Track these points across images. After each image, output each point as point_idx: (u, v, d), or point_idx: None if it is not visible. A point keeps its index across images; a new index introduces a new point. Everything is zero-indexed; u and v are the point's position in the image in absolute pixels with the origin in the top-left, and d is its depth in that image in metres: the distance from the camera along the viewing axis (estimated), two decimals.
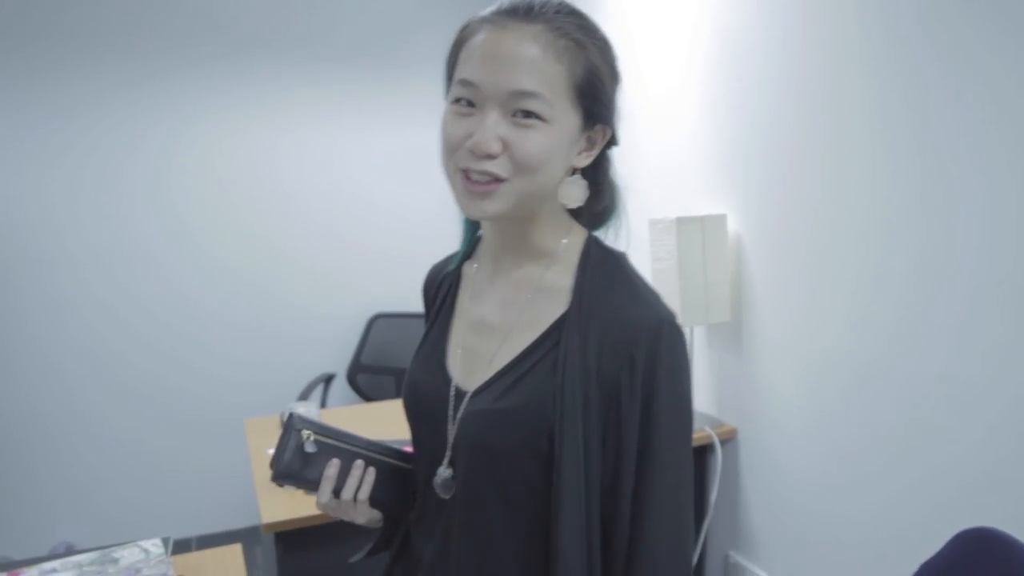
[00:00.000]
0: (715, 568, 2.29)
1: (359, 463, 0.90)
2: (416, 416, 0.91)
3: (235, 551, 1.45)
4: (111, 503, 3.18)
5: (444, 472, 0.83)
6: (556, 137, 0.76)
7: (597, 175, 0.87)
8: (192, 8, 3.13)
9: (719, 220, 2.05)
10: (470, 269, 0.95)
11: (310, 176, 3.40)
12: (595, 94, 0.78)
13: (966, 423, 1.46)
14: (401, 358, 3.41)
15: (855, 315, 1.71)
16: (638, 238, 2.51)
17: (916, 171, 1.53)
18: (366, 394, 3.37)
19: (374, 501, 0.91)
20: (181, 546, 3.23)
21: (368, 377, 3.41)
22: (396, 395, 3.33)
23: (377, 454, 0.93)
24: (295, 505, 1.72)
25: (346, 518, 0.92)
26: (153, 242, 3.17)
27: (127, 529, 3.05)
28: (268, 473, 0.90)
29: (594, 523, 0.76)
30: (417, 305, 1.05)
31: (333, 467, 0.88)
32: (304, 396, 3.05)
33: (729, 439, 2.17)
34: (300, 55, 3.33)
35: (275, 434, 2.47)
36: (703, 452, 2.24)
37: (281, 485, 0.93)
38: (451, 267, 0.96)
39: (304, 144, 3.38)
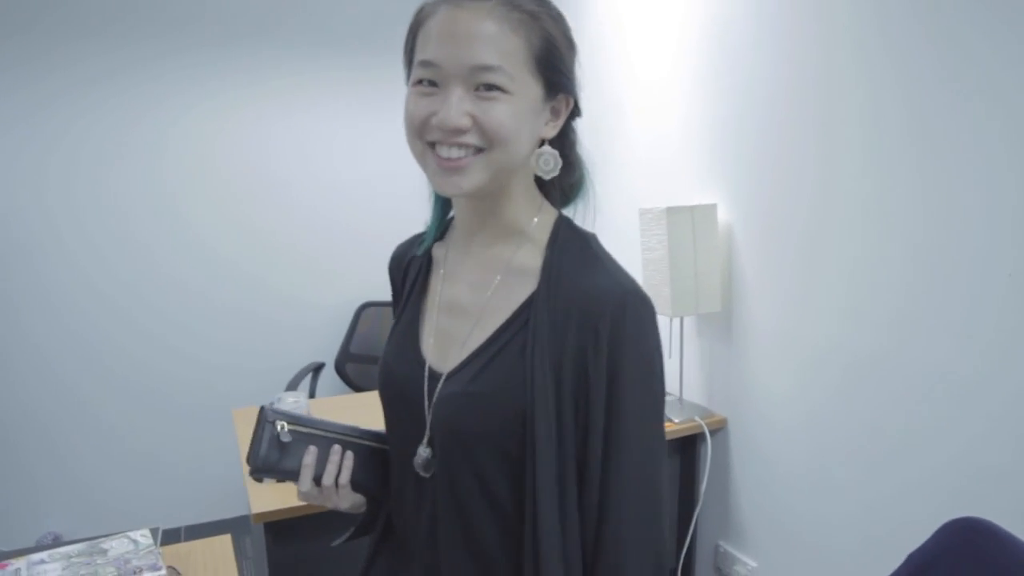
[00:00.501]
0: (705, 557, 2.31)
1: (336, 448, 0.90)
2: (391, 398, 0.92)
3: (224, 541, 1.45)
4: (99, 493, 3.17)
5: (424, 452, 0.84)
6: (521, 107, 0.76)
7: (564, 147, 0.86)
8: None
9: (709, 210, 2.05)
10: (440, 252, 0.95)
11: (301, 164, 3.38)
12: (554, 63, 0.79)
13: (959, 417, 1.46)
14: None
15: (847, 306, 1.71)
16: (628, 228, 2.52)
17: (910, 159, 1.52)
18: (355, 384, 3.36)
19: (356, 485, 0.91)
20: (170, 536, 3.21)
21: (357, 367, 3.40)
22: None
23: (354, 437, 0.93)
24: (285, 495, 1.71)
25: (329, 505, 0.92)
26: (144, 230, 3.14)
27: (115, 519, 3.04)
28: None
29: (568, 500, 0.77)
30: None
31: (311, 454, 0.87)
32: (293, 386, 3.03)
33: (719, 429, 2.17)
34: (294, 42, 3.30)
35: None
36: (693, 442, 2.25)
37: (259, 480, 0.92)
38: (420, 250, 0.96)
39: (296, 131, 3.36)
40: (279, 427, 0.87)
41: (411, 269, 0.97)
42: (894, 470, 1.60)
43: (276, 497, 1.71)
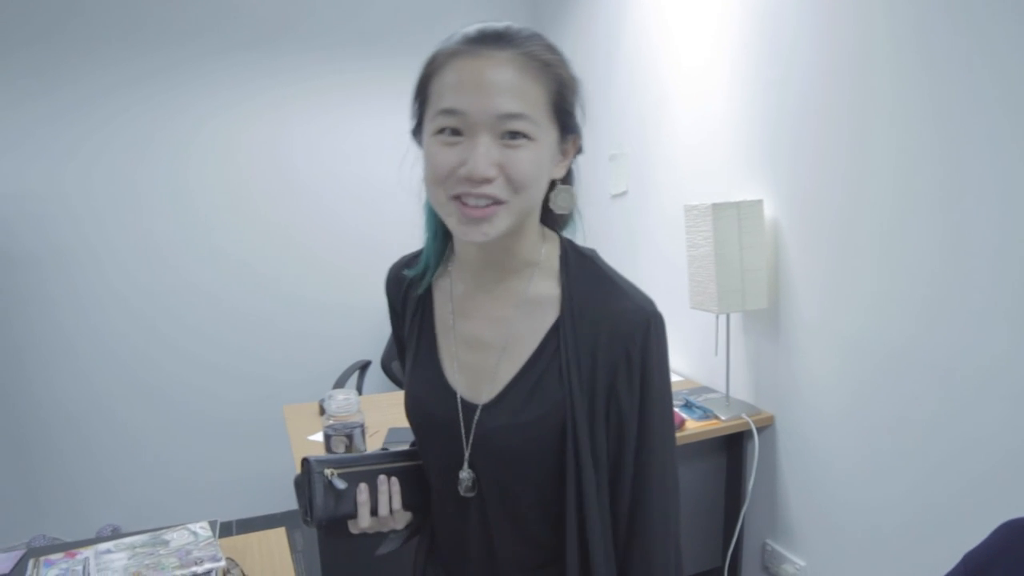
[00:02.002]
0: (753, 556, 2.29)
1: (382, 478, 0.92)
2: (425, 428, 0.94)
3: (279, 534, 1.49)
4: (150, 491, 3.28)
5: (466, 475, 0.88)
6: (543, 154, 0.79)
7: (568, 182, 0.91)
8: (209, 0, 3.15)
9: (755, 205, 2.03)
10: (445, 282, 0.97)
11: (334, 167, 3.41)
12: (567, 107, 0.82)
13: (997, 398, 1.44)
14: None
15: (888, 296, 1.69)
16: (674, 224, 2.51)
17: (940, 156, 1.52)
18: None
19: (405, 504, 0.94)
20: (223, 530, 3.32)
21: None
22: None
23: (391, 463, 0.96)
24: None
25: (385, 529, 0.95)
26: (177, 240, 3.22)
27: (171, 512, 3.14)
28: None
29: (603, 506, 0.85)
30: None
31: (363, 492, 0.90)
32: (341, 383, 3.09)
33: (766, 427, 2.15)
34: (320, 44, 3.33)
35: (314, 420, 2.51)
36: (740, 440, 2.23)
37: (312, 527, 0.94)
38: (422, 287, 0.97)
39: (327, 135, 3.38)
40: (328, 474, 0.89)
41: (412, 292, 0.99)
42: (946, 464, 1.57)
43: None
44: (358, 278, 3.47)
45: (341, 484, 0.89)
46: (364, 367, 3.33)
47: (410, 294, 0.99)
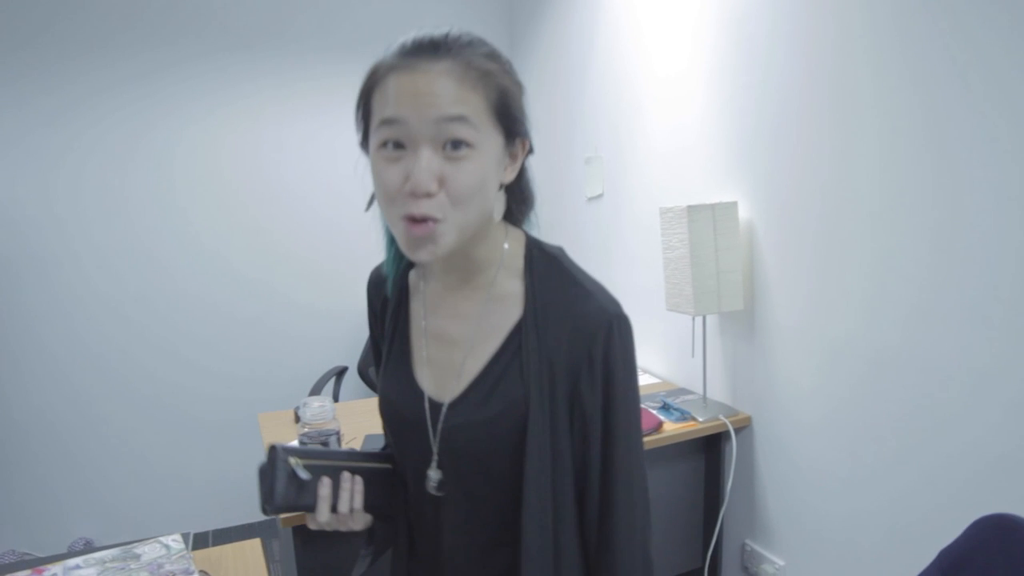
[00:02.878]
0: (732, 556, 2.29)
1: (346, 475, 0.92)
2: (396, 429, 0.95)
3: (255, 545, 1.46)
4: (127, 500, 3.21)
5: (434, 475, 0.89)
6: (486, 162, 0.78)
7: (521, 184, 0.90)
8: (193, 3, 3.13)
9: (730, 207, 2.04)
10: (416, 278, 0.98)
11: (316, 171, 3.40)
12: (510, 112, 0.81)
13: (979, 408, 1.45)
14: None
15: (868, 302, 1.70)
16: (649, 226, 2.52)
17: (925, 155, 1.51)
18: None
19: (367, 506, 0.94)
20: (199, 541, 3.26)
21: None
22: None
23: (358, 462, 0.96)
24: None
25: (343, 528, 0.94)
26: (159, 241, 3.18)
27: (143, 525, 3.09)
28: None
29: (562, 499, 0.84)
30: None
31: (326, 486, 0.90)
32: (317, 390, 3.06)
33: (744, 427, 2.16)
34: (304, 48, 3.32)
35: (289, 427, 2.48)
36: (718, 441, 2.24)
37: (269, 516, 0.93)
38: (388, 289, 0.99)
39: (309, 138, 3.38)
40: (294, 463, 0.89)
41: (387, 295, 1.00)
42: (919, 464, 1.59)
43: None
44: (338, 282, 3.45)
45: (304, 474, 0.88)
46: (341, 373, 3.31)
47: (384, 295, 1.00)
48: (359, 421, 2.28)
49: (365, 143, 0.84)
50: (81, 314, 3.09)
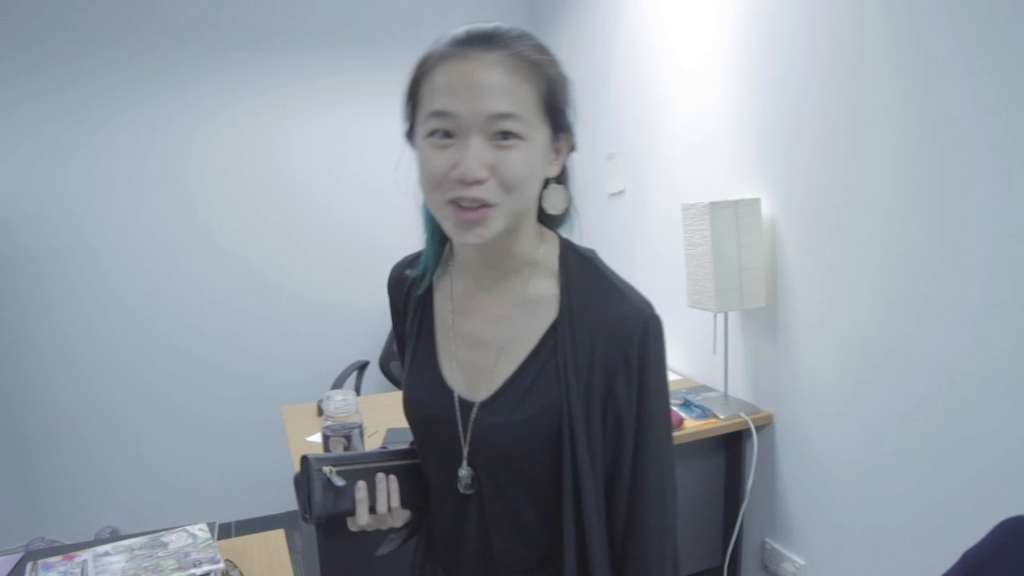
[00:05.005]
0: (752, 554, 2.29)
1: (380, 476, 0.93)
2: (423, 427, 0.95)
3: (278, 536, 1.48)
4: (148, 493, 3.27)
5: (465, 473, 0.89)
6: (534, 153, 0.79)
7: (562, 181, 0.91)
8: (207, 0, 3.15)
9: (753, 204, 2.03)
10: (445, 281, 0.97)
11: (332, 168, 3.41)
12: (557, 106, 0.82)
13: (997, 397, 1.44)
14: None
15: (887, 294, 1.69)
16: (671, 222, 2.51)
17: (938, 156, 1.52)
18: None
19: (404, 502, 0.95)
20: (222, 531, 3.30)
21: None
22: None
23: (390, 461, 0.96)
24: None
25: (384, 527, 0.96)
26: (176, 240, 3.22)
27: (165, 517, 3.14)
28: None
29: (596, 500, 0.85)
30: None
31: (362, 489, 0.91)
32: (339, 384, 3.09)
33: (765, 425, 2.15)
34: (317, 44, 3.33)
35: (312, 420, 2.50)
36: (739, 439, 2.23)
37: (311, 524, 0.94)
38: (422, 288, 0.98)
39: (324, 135, 3.38)
40: (327, 471, 0.90)
41: (413, 292, 1.00)
42: (946, 463, 1.57)
43: None
44: (356, 278, 3.47)
45: (340, 481, 0.89)
46: (362, 367, 3.33)
47: (411, 294, 0.99)
48: (381, 414, 2.30)
49: (411, 134, 0.84)
50: (99, 310, 3.13)
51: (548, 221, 0.93)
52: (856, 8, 1.71)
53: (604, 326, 0.84)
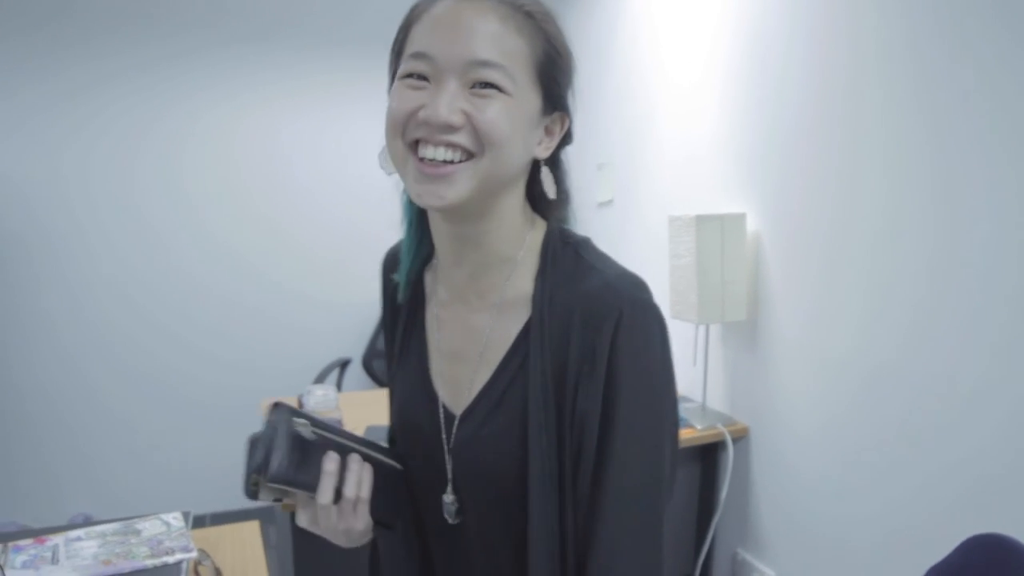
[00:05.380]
0: (723, 565, 2.31)
1: (356, 457, 0.78)
2: (410, 443, 0.86)
3: (253, 528, 1.48)
4: (125, 480, 3.25)
5: (449, 499, 0.80)
6: (518, 112, 0.69)
7: (557, 172, 0.80)
8: None
9: (739, 219, 2.06)
10: (430, 278, 0.88)
11: (326, 163, 3.43)
12: (555, 74, 0.73)
13: (976, 424, 1.46)
14: None
15: (869, 315, 1.71)
16: (657, 234, 2.53)
17: (927, 178, 1.53)
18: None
19: (373, 507, 0.79)
20: (196, 522, 3.27)
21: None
22: None
23: (370, 451, 0.82)
24: None
25: (342, 526, 0.78)
26: (167, 226, 3.21)
27: (140, 505, 3.11)
28: None
29: (567, 529, 0.72)
30: None
31: (332, 460, 0.75)
32: (320, 380, 3.08)
33: (741, 437, 2.17)
34: (317, 40, 3.35)
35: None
36: (715, 450, 2.25)
37: (255, 496, 0.74)
38: (400, 294, 0.88)
39: (319, 131, 3.40)
40: (299, 423, 0.74)
41: (399, 292, 0.90)
42: (914, 478, 1.60)
43: None
44: (344, 274, 3.48)
45: (310, 434, 0.74)
46: (344, 364, 3.33)
47: (396, 291, 0.91)
48: (362, 411, 2.30)
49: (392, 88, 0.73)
50: (88, 294, 3.12)
51: (543, 211, 0.82)
52: (850, 32, 1.73)
53: (577, 314, 0.71)
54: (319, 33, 3.35)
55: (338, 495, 0.76)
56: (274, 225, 3.38)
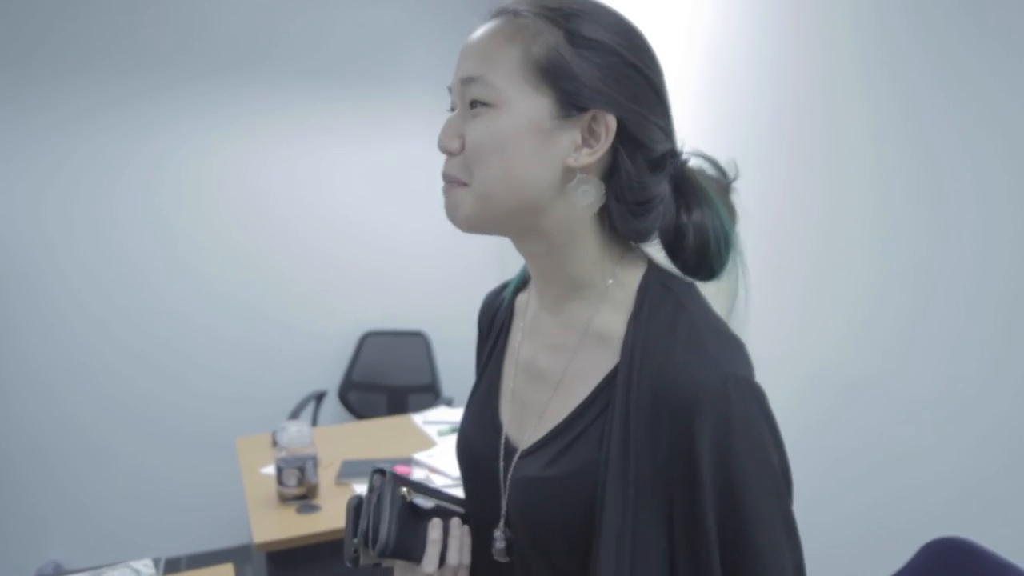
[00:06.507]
0: None
1: (456, 522, 0.76)
2: (468, 470, 0.83)
3: (226, 571, 1.47)
4: (100, 521, 3.17)
5: (500, 536, 0.75)
6: (508, 122, 0.65)
7: (622, 188, 0.69)
8: (183, 25, 3.17)
9: None
10: (523, 299, 0.85)
11: (302, 193, 3.42)
12: (568, 69, 0.65)
13: (949, 441, 1.46)
14: (391, 376, 3.43)
15: (848, 331, 1.70)
16: None
17: (911, 184, 1.52)
18: (357, 412, 3.39)
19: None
20: (171, 566, 3.22)
21: (359, 394, 3.43)
22: (387, 413, 3.36)
23: (460, 508, 0.79)
24: (287, 524, 1.73)
25: None
26: (145, 259, 3.18)
27: (117, 546, 3.07)
28: (261, 492, 0.78)
29: None
30: (408, 323, 1.04)
31: (437, 528, 0.74)
32: (295, 414, 3.06)
33: None
34: (292, 72, 3.36)
35: (266, 451, 2.46)
36: None
37: (355, 564, 0.73)
38: (504, 296, 0.88)
39: (296, 161, 3.40)
40: (405, 492, 0.72)
41: (497, 317, 0.88)
42: (884, 492, 1.61)
43: (278, 526, 1.73)
44: (320, 305, 3.46)
45: (427, 503, 0.73)
46: (320, 397, 3.31)
47: (495, 321, 0.89)
48: (337, 446, 2.29)
49: None
50: (65, 330, 3.07)
51: (680, 265, 0.77)
52: (824, 38, 1.72)
53: (667, 388, 0.64)
54: (291, 64, 3.35)
55: (441, 559, 0.76)
56: (250, 254, 3.35)
